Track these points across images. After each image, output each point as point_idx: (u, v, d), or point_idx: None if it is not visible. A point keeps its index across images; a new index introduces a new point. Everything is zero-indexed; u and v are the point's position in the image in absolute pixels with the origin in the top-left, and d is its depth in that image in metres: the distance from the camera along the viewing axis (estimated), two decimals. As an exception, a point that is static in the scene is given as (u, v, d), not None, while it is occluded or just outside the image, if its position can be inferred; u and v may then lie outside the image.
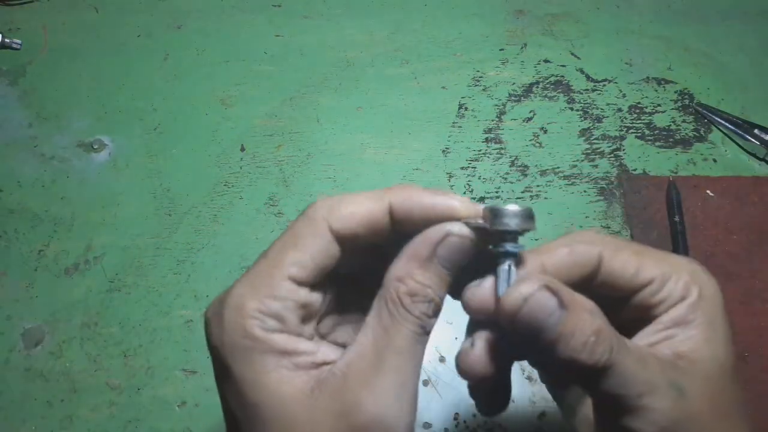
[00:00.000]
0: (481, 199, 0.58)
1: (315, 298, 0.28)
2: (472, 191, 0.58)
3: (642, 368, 0.26)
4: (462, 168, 0.60)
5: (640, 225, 0.57)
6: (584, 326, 0.25)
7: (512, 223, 0.26)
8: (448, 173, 0.59)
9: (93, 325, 0.52)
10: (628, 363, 0.25)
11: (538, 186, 0.59)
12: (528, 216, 0.26)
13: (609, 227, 0.57)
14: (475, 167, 0.60)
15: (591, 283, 0.29)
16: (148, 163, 0.59)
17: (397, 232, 0.28)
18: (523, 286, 0.25)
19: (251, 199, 0.58)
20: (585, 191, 0.59)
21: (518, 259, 0.27)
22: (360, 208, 0.27)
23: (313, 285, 0.28)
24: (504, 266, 0.26)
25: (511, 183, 0.59)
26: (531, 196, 0.58)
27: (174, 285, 0.54)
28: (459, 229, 0.27)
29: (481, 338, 0.28)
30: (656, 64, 0.66)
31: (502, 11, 0.69)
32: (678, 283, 0.28)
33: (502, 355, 0.28)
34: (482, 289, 0.27)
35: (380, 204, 0.27)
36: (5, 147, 0.60)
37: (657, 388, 0.26)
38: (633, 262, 0.28)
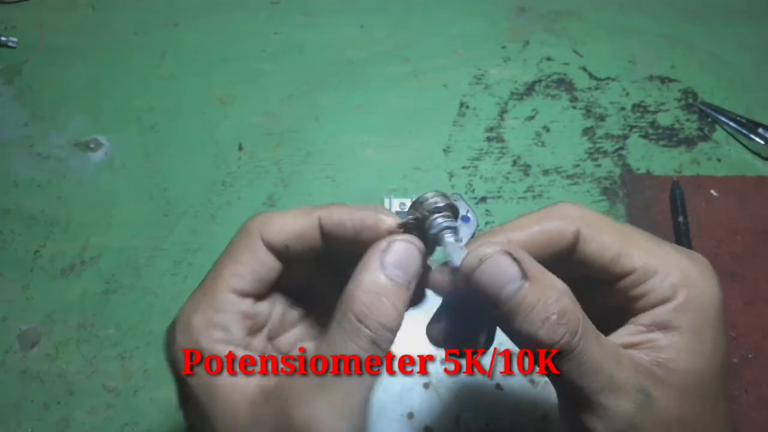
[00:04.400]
0: (483, 199, 0.57)
1: (260, 309, 0.29)
2: (473, 191, 0.58)
3: (608, 364, 0.24)
4: (463, 167, 0.59)
5: (644, 225, 0.56)
6: (547, 302, 0.24)
7: (435, 200, 0.28)
8: (449, 172, 0.59)
9: (89, 327, 0.51)
10: (592, 353, 0.24)
11: (540, 186, 0.58)
12: (442, 194, 0.28)
13: (612, 227, 0.56)
14: (476, 166, 0.59)
15: (568, 260, 0.28)
16: (144, 162, 0.59)
17: (332, 247, 0.29)
18: (482, 248, 0.25)
19: (249, 198, 0.57)
20: (588, 191, 0.58)
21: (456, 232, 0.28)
22: (290, 221, 0.28)
23: (257, 296, 0.29)
24: (449, 239, 0.27)
25: (513, 183, 0.58)
26: (533, 196, 0.57)
27: (171, 286, 0.53)
28: (401, 235, 0.27)
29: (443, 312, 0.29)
30: (660, 63, 0.65)
31: (504, 8, 0.69)
32: (664, 281, 0.26)
33: (464, 326, 0.29)
34: (441, 268, 0.28)
35: (310, 218, 0.28)
36: (1, 146, 0.59)
37: (620, 388, 0.24)
38: (615, 246, 0.26)
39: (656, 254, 0.26)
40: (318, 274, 0.29)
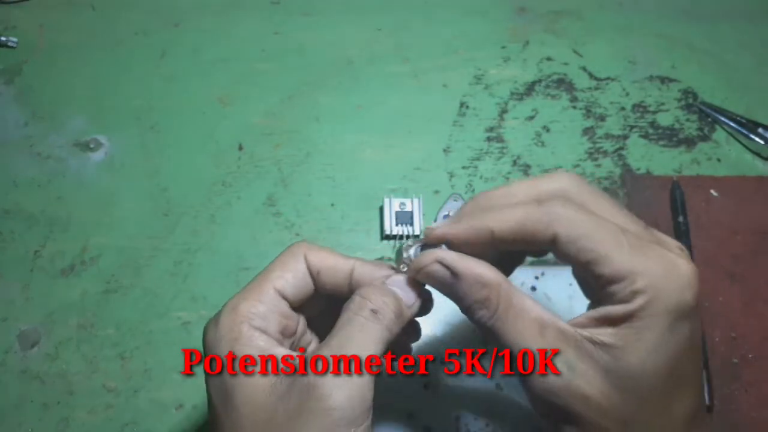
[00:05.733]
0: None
1: (292, 317, 0.33)
2: (473, 191, 0.58)
3: (527, 336, 0.29)
4: (463, 167, 0.59)
5: (644, 225, 0.56)
6: (471, 293, 0.30)
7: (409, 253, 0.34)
8: (449, 173, 0.59)
9: (89, 327, 0.51)
10: (509, 329, 0.29)
11: (540, 186, 0.58)
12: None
13: (612, 227, 0.56)
14: (476, 166, 0.59)
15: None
16: (144, 162, 0.59)
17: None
18: (421, 259, 0.32)
19: (249, 199, 0.57)
20: (587, 191, 0.58)
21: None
22: (330, 255, 0.34)
23: (292, 304, 0.33)
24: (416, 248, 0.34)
25: (513, 183, 0.58)
26: (533, 196, 0.57)
27: (171, 286, 0.53)
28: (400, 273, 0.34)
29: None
30: (660, 63, 0.65)
31: (504, 8, 0.69)
32: (627, 288, 0.28)
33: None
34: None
35: (346, 262, 0.34)
36: (1, 146, 0.59)
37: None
38: (591, 253, 0.28)
39: (631, 260, 0.28)
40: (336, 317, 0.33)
